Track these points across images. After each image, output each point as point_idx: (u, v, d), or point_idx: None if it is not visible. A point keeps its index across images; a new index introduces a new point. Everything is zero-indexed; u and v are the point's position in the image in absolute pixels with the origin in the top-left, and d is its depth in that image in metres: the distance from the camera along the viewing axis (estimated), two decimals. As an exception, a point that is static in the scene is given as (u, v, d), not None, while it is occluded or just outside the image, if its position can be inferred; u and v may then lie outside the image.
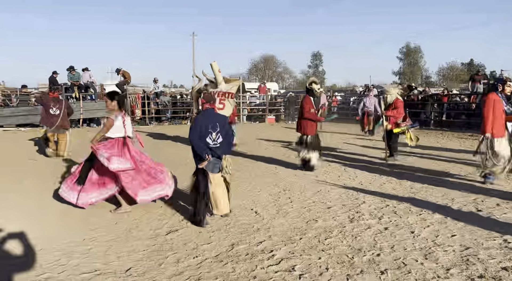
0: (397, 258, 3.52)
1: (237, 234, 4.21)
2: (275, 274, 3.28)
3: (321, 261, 3.51)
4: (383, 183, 6.44)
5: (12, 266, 3.42)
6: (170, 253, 3.72)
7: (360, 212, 4.89)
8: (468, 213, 4.80)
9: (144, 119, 17.85)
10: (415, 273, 3.23)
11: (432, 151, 9.73)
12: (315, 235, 4.15)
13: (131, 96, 17.23)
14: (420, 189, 6.00)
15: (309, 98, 7.43)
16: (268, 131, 15.28)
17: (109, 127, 4.93)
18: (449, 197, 5.54)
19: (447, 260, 3.46)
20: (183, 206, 5.19)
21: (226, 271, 3.34)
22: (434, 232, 4.17)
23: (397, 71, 58.25)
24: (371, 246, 3.83)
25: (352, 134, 13.67)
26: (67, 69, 16.58)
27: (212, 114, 4.60)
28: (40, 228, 4.36)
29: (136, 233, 4.29)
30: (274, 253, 3.70)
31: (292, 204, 5.33)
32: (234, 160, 8.53)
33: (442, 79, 57.21)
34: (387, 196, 5.60)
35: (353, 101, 21.17)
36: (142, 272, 3.34)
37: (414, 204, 5.18)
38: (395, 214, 4.81)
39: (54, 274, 3.30)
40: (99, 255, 3.68)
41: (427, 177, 6.81)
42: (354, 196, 5.64)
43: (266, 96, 20.94)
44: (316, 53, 61.53)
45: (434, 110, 16.31)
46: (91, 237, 4.13)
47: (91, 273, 3.32)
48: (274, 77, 58.56)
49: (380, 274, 3.22)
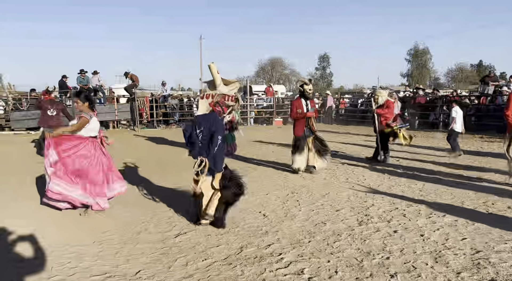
0: (406, 262, 3.50)
1: (246, 237, 4.21)
2: (284, 277, 3.28)
3: (330, 264, 3.50)
4: (392, 186, 6.40)
5: (24, 268, 3.46)
6: (179, 256, 3.74)
7: (369, 215, 4.86)
8: (479, 215, 4.75)
9: (152, 122, 17.97)
10: (425, 276, 3.20)
11: (441, 153, 9.65)
12: (324, 238, 4.14)
13: (139, 99, 17.36)
14: (429, 192, 5.95)
15: (299, 100, 7.35)
16: (276, 134, 15.27)
17: (82, 127, 4.92)
18: (459, 199, 5.49)
19: (458, 263, 3.43)
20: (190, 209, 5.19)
21: (235, 274, 3.34)
22: (444, 235, 4.13)
23: (405, 73, 57.89)
24: (380, 249, 3.80)
25: (360, 136, 13.60)
26: (78, 72, 16.77)
27: (209, 115, 4.46)
28: (50, 231, 4.41)
29: (145, 236, 4.31)
30: (282, 256, 3.70)
31: (300, 206, 5.32)
32: (241, 163, 8.57)
33: (451, 81, 56.77)
34: (396, 199, 5.56)
35: (361, 103, 21.07)
36: (151, 275, 3.36)
37: (424, 207, 5.14)
38: (404, 216, 4.78)
39: (65, 277, 3.33)
40: (109, 258, 3.71)
41: (436, 179, 6.75)
42: (363, 199, 5.62)
43: (273, 99, 20.96)
44: (324, 55, 61.34)
45: (443, 112, 16.17)
46: (101, 240, 4.16)
47: (101, 275, 3.35)
48: (281, 79, 58.51)
49: (389, 277, 3.20)
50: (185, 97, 21.21)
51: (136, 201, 5.66)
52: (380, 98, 8.56)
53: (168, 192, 6.14)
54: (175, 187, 6.43)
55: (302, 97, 7.34)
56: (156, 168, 8.22)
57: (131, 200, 5.71)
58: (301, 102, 7.30)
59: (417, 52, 56.32)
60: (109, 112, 16.72)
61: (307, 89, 7.30)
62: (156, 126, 17.77)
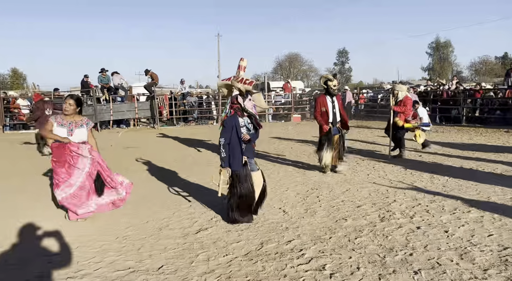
0: (431, 258, 3.43)
1: (266, 233, 4.21)
2: (305, 273, 3.26)
3: (352, 260, 3.46)
4: (414, 181, 6.28)
5: (51, 263, 3.56)
6: (201, 251, 3.77)
7: (391, 211, 4.79)
8: (505, 211, 4.60)
9: (172, 120, 18.17)
10: (450, 273, 3.13)
11: (464, 147, 9.42)
12: (345, 234, 4.10)
13: (158, 97, 17.58)
14: (453, 187, 5.82)
15: (323, 97, 7.07)
16: (294, 130, 15.21)
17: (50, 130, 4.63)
18: (484, 195, 5.35)
19: (484, 260, 3.34)
20: (211, 205, 5.24)
21: (256, 270, 3.35)
22: (470, 231, 4.03)
23: (426, 67, 56.65)
24: (403, 245, 3.74)
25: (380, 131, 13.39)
26: (99, 71, 17.10)
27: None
28: (74, 227, 4.52)
29: (167, 231, 4.37)
30: (303, 252, 3.68)
31: (321, 203, 5.28)
32: (260, 160, 8.57)
33: (474, 74, 55.24)
34: (418, 194, 5.46)
35: (381, 98, 20.75)
36: (174, 270, 3.40)
37: (447, 203, 5.03)
38: (428, 212, 4.69)
39: (90, 271, 3.41)
40: (132, 253, 3.78)
41: (460, 174, 6.59)
42: (384, 195, 5.54)
43: (291, 95, 20.86)
44: (342, 50, 60.69)
45: (466, 106, 15.76)
46: (124, 236, 4.24)
47: (125, 270, 3.41)
48: (299, 75, 58.17)
49: (413, 274, 3.15)
50: (204, 94, 21.34)
51: (158, 197, 5.74)
52: (400, 93, 8.36)
53: (190, 188, 6.19)
54: (197, 183, 6.50)
55: (327, 94, 7.02)
56: (178, 164, 8.30)
57: (153, 196, 5.79)
58: (325, 99, 6.98)
59: (438, 45, 55.04)
60: (129, 110, 17.00)
61: (331, 86, 6.92)
62: (176, 124, 17.95)
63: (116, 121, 16.94)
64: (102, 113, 16.21)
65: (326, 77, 7.10)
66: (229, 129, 4.47)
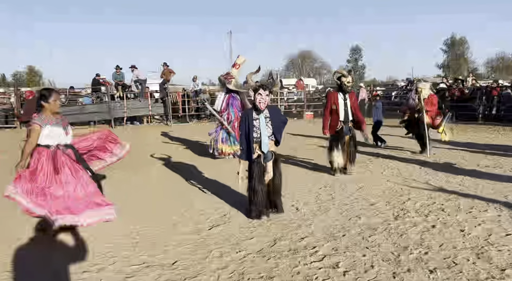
0: (446, 257, 3.39)
1: (279, 230, 4.21)
2: (318, 270, 3.25)
3: (366, 258, 3.44)
4: (429, 179, 6.20)
5: (67, 257, 3.62)
6: (214, 248, 3.79)
7: (405, 209, 4.74)
8: (524, 211, 4.52)
9: (185, 117, 18.27)
10: (467, 272, 3.09)
11: (481, 145, 9.25)
12: (359, 232, 4.08)
13: (171, 94, 17.67)
14: (469, 185, 5.73)
15: (335, 93, 6.68)
16: (307, 128, 15.14)
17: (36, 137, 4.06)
18: (501, 193, 5.25)
19: (502, 260, 3.29)
20: (224, 202, 5.26)
21: (269, 267, 3.35)
22: (487, 230, 3.97)
23: (441, 64, 55.73)
24: (418, 244, 3.70)
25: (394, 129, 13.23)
26: (114, 68, 17.25)
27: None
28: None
29: (180, 227, 4.40)
30: (317, 249, 3.67)
31: (334, 200, 5.25)
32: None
33: (491, 71, 54.14)
34: (433, 193, 5.39)
35: (395, 95, 20.52)
36: (188, 265, 3.43)
37: (463, 201, 4.96)
38: (443, 211, 4.62)
39: (106, 265, 3.45)
40: (146, 248, 3.81)
41: (477, 173, 6.49)
42: (399, 193, 5.48)
43: (304, 92, 20.77)
44: (355, 47, 60.07)
45: (482, 104, 15.45)
46: (138, 231, 4.28)
47: (140, 265, 3.45)
48: (311, 72, 57.85)
49: (429, 273, 3.11)
50: (216, 91, 21.37)
51: (173, 193, 5.79)
52: (424, 91, 8.17)
53: (203, 184, 6.22)
54: (211, 178, 6.53)
55: (339, 91, 6.64)
56: (192, 161, 8.34)
57: (168, 192, 5.84)
58: (337, 96, 6.60)
59: (454, 41, 54.10)
60: (144, 107, 17.13)
61: (345, 82, 6.53)
62: (189, 121, 18.05)
63: (129, 118, 17.10)
64: (116, 110, 16.39)
65: (340, 73, 6.74)
66: (244, 122, 4.62)
